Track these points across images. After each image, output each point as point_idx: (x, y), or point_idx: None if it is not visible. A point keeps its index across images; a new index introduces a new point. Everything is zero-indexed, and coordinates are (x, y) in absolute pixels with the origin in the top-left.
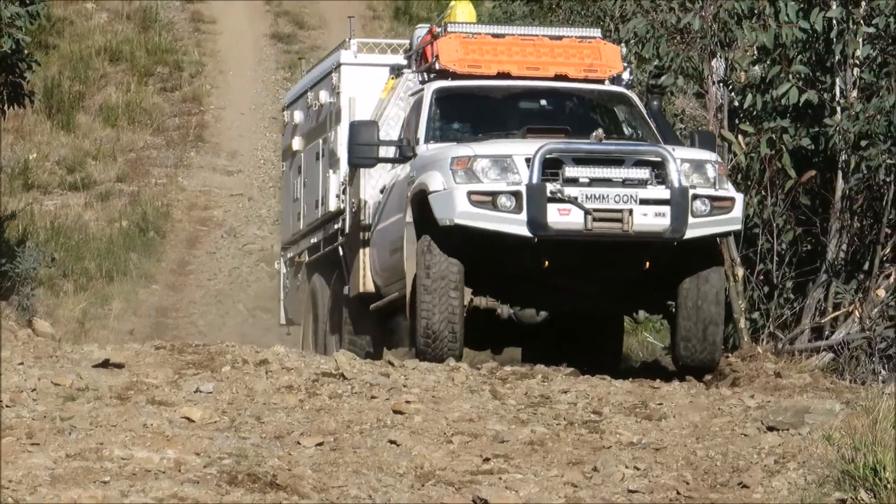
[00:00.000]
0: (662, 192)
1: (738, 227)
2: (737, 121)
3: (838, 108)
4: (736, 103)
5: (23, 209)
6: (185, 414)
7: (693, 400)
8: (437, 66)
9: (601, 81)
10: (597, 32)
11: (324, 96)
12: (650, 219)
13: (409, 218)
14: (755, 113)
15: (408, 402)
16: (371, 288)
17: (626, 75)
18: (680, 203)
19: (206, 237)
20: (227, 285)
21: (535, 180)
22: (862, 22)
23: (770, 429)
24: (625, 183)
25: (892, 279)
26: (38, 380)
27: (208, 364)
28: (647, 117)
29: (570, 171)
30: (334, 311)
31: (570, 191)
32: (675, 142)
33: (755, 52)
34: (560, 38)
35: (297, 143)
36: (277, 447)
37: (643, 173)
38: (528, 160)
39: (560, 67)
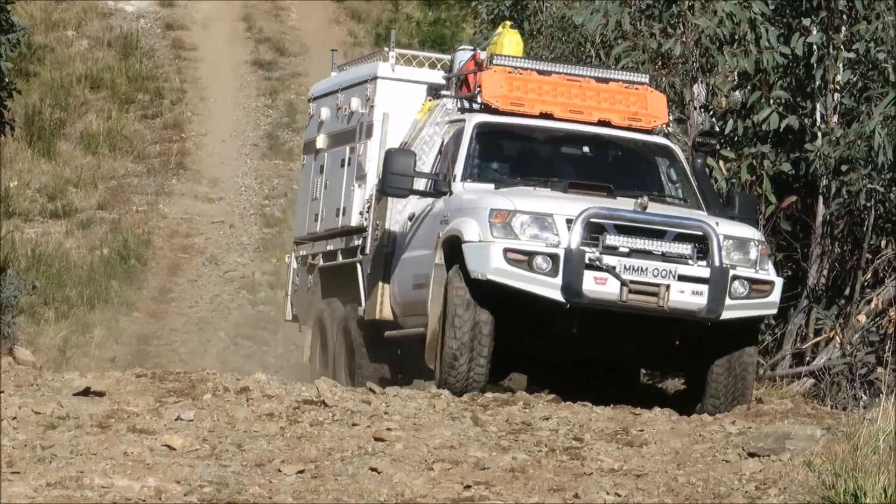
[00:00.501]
0: (702, 271)
1: (774, 311)
2: (718, 146)
3: (819, 134)
4: (717, 128)
5: (4, 237)
6: (166, 442)
7: (674, 426)
8: (479, 99)
9: (646, 131)
10: (645, 78)
11: (356, 104)
12: (687, 296)
13: (438, 259)
14: (736, 138)
15: (389, 429)
16: (388, 315)
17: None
18: (719, 283)
19: (188, 264)
20: (208, 313)
21: (574, 245)
22: (842, 47)
23: (751, 455)
24: (665, 256)
25: (872, 305)
26: (19, 408)
27: (189, 392)
28: (689, 175)
29: (611, 240)
30: (347, 334)
31: (609, 259)
32: (715, 204)
33: (736, 78)
34: (607, 80)
35: (321, 141)
36: (258, 475)
37: (685, 248)
38: (568, 221)
39: (604, 113)
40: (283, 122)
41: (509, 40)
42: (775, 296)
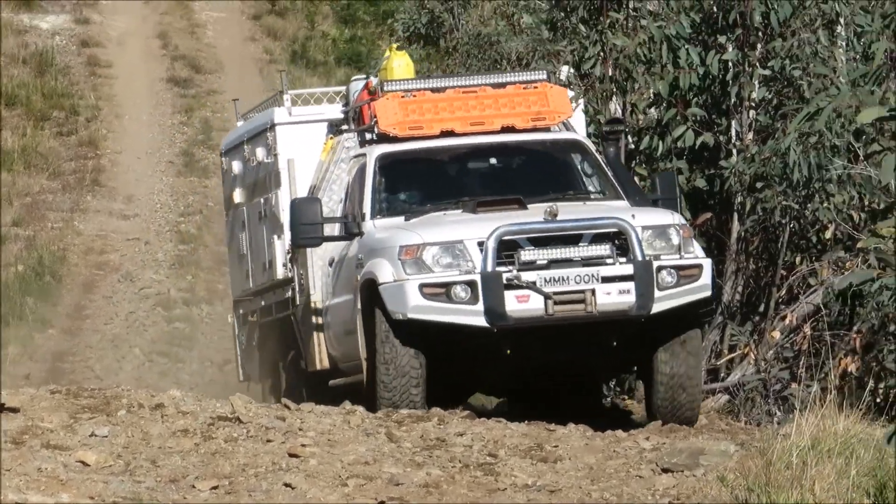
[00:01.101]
0: (625, 268)
1: (708, 293)
2: (633, 163)
3: (734, 151)
4: (632, 145)
5: None
6: (80, 458)
7: (588, 442)
8: (376, 130)
9: (551, 129)
10: (542, 75)
11: (261, 154)
12: (614, 297)
13: (359, 304)
14: (652, 155)
15: (303, 445)
16: (327, 364)
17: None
18: (644, 277)
19: (103, 281)
20: (123, 329)
21: (489, 268)
22: (757, 64)
23: (665, 470)
24: (585, 260)
25: (787, 321)
26: None
27: (104, 408)
28: (603, 165)
29: (526, 255)
30: (292, 386)
31: (528, 275)
32: (634, 190)
33: (651, 95)
34: (503, 85)
35: (238, 196)
36: (172, 491)
37: (604, 249)
38: (480, 244)
39: (506, 119)
40: (198, 139)
41: (398, 63)
42: (706, 277)
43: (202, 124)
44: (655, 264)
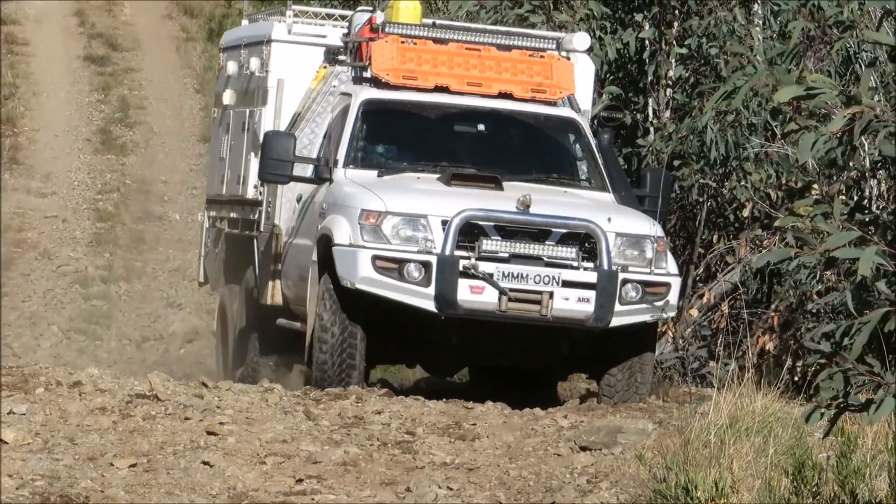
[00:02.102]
0: (588, 275)
1: (672, 313)
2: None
3: (651, 129)
4: None
5: None
6: None
7: (506, 420)
8: (369, 72)
9: (551, 103)
10: (552, 44)
11: (254, 64)
12: (572, 304)
13: (314, 256)
14: None
15: (221, 423)
16: (280, 301)
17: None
18: (606, 289)
19: (21, 259)
20: (41, 307)
21: (447, 251)
22: (674, 43)
23: (583, 449)
24: (549, 260)
25: (705, 299)
26: None
27: (22, 386)
28: (595, 151)
29: (489, 244)
30: (246, 322)
31: (486, 266)
32: (622, 183)
33: None
34: (510, 48)
35: (227, 97)
36: (91, 469)
37: (569, 252)
38: (444, 223)
39: (505, 85)
40: (115, 117)
41: (405, 5)
42: (672, 297)
43: (119, 102)
44: (621, 276)
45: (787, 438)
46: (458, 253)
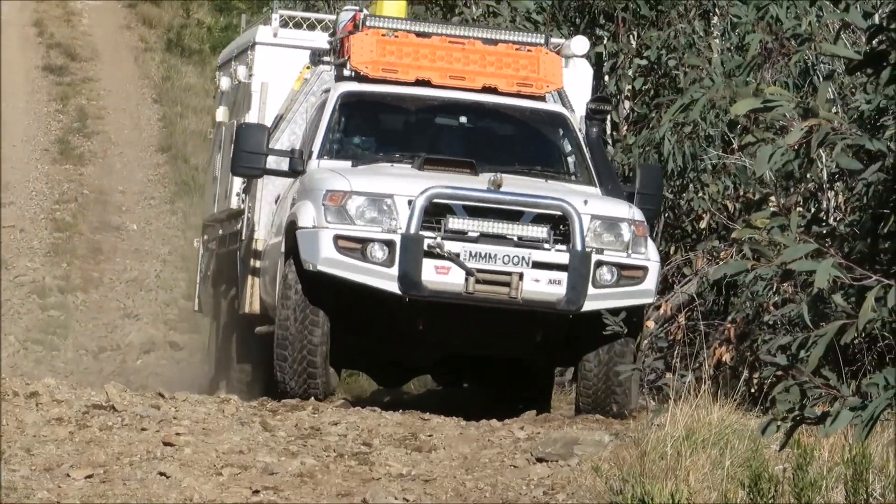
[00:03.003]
0: (560, 256)
1: (650, 300)
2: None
3: (611, 141)
4: None
5: None
6: None
7: (463, 432)
8: (348, 66)
9: (537, 97)
10: (539, 39)
11: (242, 72)
12: (542, 286)
13: (283, 248)
14: None
15: (178, 433)
16: (257, 309)
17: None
18: (579, 270)
19: None
20: None
21: (412, 230)
22: (634, 54)
23: (539, 460)
24: (520, 241)
25: (661, 311)
26: None
27: None
28: (583, 145)
29: (455, 223)
30: (226, 331)
31: (452, 246)
32: (609, 177)
33: None
34: (496, 42)
35: (220, 114)
36: (47, 479)
37: (540, 231)
38: (411, 202)
39: (489, 79)
40: (73, 126)
41: (389, 2)
42: (649, 282)
43: (77, 112)
44: (595, 258)
45: (744, 450)
46: (423, 233)
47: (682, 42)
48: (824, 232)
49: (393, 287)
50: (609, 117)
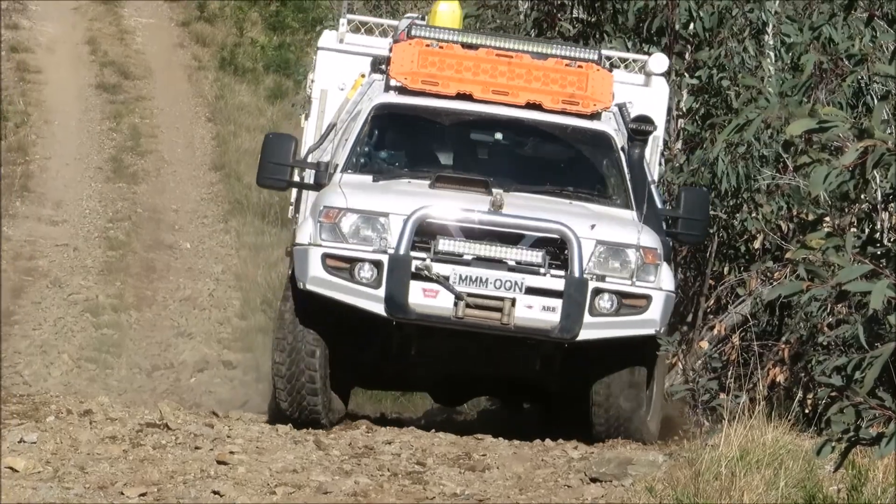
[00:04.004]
0: (555, 282)
1: (654, 330)
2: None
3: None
4: None
5: None
6: (9, 464)
7: (517, 451)
8: (388, 77)
9: (584, 115)
10: (593, 55)
11: (311, 77)
12: (535, 312)
13: (288, 266)
14: None
15: (231, 452)
16: None
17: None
18: (574, 297)
19: (32, 287)
20: (51, 335)
21: (401, 251)
22: (686, 74)
23: (593, 480)
24: (517, 266)
25: (715, 331)
26: None
27: (32, 414)
28: (624, 167)
29: (446, 245)
30: None
31: (442, 268)
32: (648, 201)
33: None
34: (546, 56)
35: (302, 122)
36: (101, 497)
37: (535, 256)
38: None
39: (534, 94)
40: (127, 145)
41: (443, 9)
42: (653, 312)
43: (131, 130)
44: (593, 285)
45: (798, 471)
46: (413, 253)
47: (735, 62)
48: (879, 253)
49: (379, 309)
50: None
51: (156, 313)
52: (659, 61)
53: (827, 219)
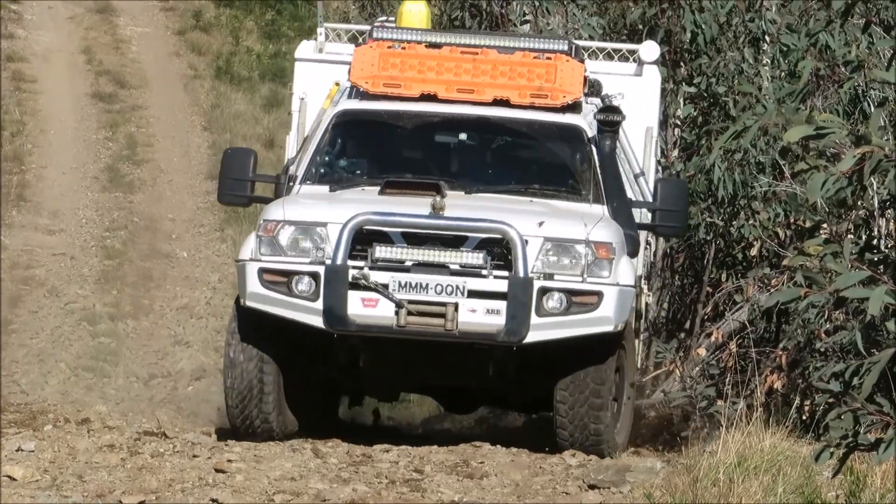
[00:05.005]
0: (498, 284)
1: (609, 328)
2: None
3: (660, 167)
4: None
5: None
6: (7, 473)
7: (514, 459)
8: (349, 82)
9: (554, 109)
10: (562, 45)
11: (290, 89)
12: (479, 316)
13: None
14: None
15: (229, 460)
16: None
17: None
18: (518, 298)
19: (28, 296)
20: (49, 344)
21: (338, 261)
22: (683, 82)
23: (591, 487)
24: (461, 269)
25: (713, 338)
26: None
27: (30, 423)
28: (595, 161)
29: (384, 252)
30: None
31: (380, 276)
32: (617, 194)
33: None
34: (512, 50)
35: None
36: None
37: (476, 258)
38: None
39: (500, 90)
40: (123, 154)
41: (409, 9)
42: (605, 309)
43: (127, 139)
44: (538, 284)
45: (796, 477)
46: (351, 262)
47: (732, 69)
48: (876, 259)
49: (318, 322)
50: (657, 142)
51: (153, 322)
52: (650, 49)
53: (824, 225)
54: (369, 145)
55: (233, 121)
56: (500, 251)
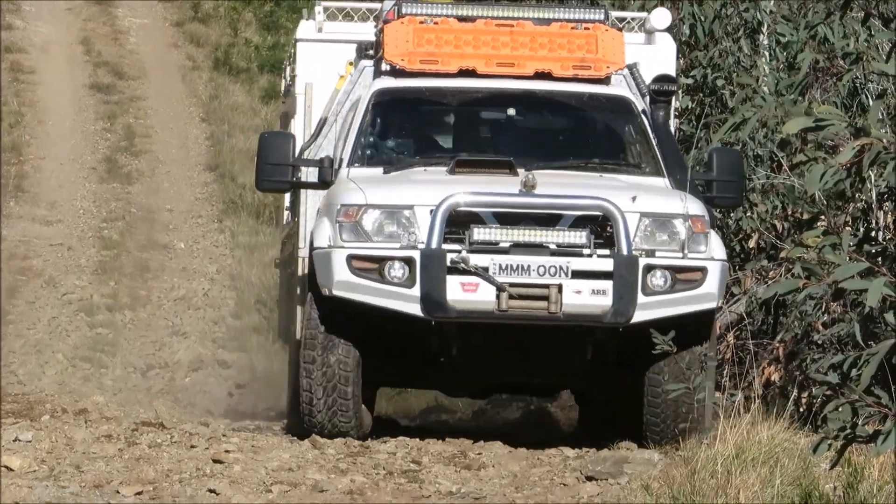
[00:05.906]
0: (603, 263)
1: (712, 304)
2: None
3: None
4: None
5: None
6: (4, 463)
7: (512, 450)
8: (383, 60)
9: (597, 80)
10: (599, 15)
11: (289, 72)
12: (585, 297)
13: (300, 271)
14: None
15: (227, 451)
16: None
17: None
18: (625, 277)
19: (26, 287)
20: (46, 335)
21: (434, 244)
22: (681, 74)
23: (589, 478)
24: (559, 249)
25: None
26: None
27: (27, 413)
28: (650, 132)
29: (482, 233)
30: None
31: (479, 259)
32: (678, 165)
33: None
34: (549, 22)
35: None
36: (97, 496)
37: (579, 236)
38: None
39: (541, 63)
40: (121, 145)
41: None
42: (710, 285)
43: (125, 130)
44: (644, 262)
45: (794, 469)
46: (446, 246)
47: (730, 61)
48: (875, 251)
49: (415, 309)
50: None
51: (150, 313)
52: (661, 16)
53: (823, 217)
54: (413, 124)
55: (231, 112)
56: (595, 228)
